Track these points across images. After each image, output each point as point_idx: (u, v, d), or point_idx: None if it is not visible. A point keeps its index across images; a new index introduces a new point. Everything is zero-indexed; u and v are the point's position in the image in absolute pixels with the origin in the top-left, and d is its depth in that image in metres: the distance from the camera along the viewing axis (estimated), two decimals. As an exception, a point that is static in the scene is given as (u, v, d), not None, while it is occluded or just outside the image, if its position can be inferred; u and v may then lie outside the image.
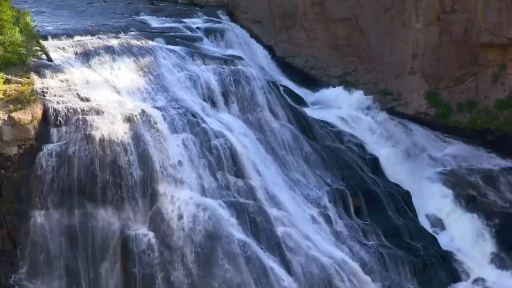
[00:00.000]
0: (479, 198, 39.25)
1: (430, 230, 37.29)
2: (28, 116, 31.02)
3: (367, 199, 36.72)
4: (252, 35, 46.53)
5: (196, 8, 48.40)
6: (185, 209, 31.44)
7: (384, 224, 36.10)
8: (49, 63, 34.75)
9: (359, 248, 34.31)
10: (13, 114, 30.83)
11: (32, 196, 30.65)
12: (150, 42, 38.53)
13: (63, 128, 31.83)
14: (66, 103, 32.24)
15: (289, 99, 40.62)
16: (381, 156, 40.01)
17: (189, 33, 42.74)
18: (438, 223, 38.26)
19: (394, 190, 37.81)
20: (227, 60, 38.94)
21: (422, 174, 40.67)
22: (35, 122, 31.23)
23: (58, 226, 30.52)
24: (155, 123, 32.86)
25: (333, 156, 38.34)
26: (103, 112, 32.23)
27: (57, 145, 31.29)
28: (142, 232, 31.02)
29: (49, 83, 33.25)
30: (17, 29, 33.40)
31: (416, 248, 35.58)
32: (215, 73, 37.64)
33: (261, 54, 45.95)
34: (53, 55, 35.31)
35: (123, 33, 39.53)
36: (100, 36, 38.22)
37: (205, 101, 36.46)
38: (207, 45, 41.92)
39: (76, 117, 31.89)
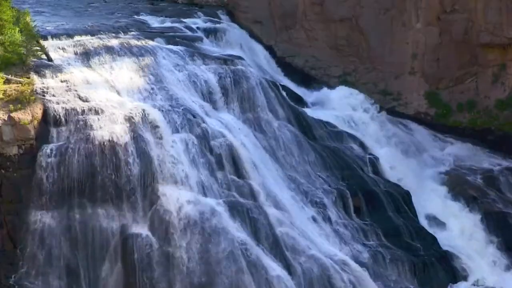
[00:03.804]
0: (479, 198, 39.21)
1: (430, 230, 37.27)
2: (28, 116, 31.02)
3: (367, 199, 36.72)
4: (252, 35, 46.52)
5: (196, 8, 48.38)
6: (185, 209, 31.44)
7: (384, 224, 36.10)
8: (49, 63, 34.75)
9: (359, 248, 34.32)
10: (13, 114, 30.83)
11: (32, 196, 30.65)
12: (150, 42, 38.52)
13: (63, 128, 31.84)
14: (66, 103, 32.25)
15: (289, 99, 40.63)
16: (381, 156, 40.00)
17: (189, 33, 42.73)
18: (438, 223, 38.24)
19: (394, 190, 37.79)
20: (227, 60, 38.92)
21: (422, 174, 40.67)
22: (35, 122, 31.23)
23: (58, 226, 30.51)
24: (155, 123, 32.86)
25: (333, 156, 38.34)
26: (103, 112, 32.25)
27: (57, 145, 31.30)
28: (142, 232, 31.01)
29: (49, 83, 33.25)
30: (17, 29, 33.39)
31: (416, 248, 35.58)
32: (215, 73, 37.61)
33: (261, 54, 45.90)
34: (53, 55, 35.30)
35: (123, 33, 39.52)
36: (100, 36, 38.20)
37: (205, 101, 36.46)
38: (207, 45, 41.92)
39: (76, 117, 31.90)
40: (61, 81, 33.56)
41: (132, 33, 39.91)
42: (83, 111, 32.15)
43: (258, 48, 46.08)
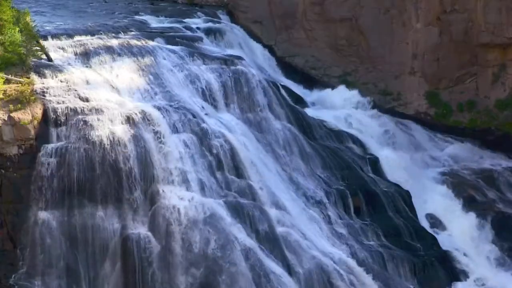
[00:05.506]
0: (479, 198, 39.29)
1: (430, 230, 37.29)
2: (28, 116, 31.03)
3: (367, 199, 36.74)
4: (252, 35, 46.53)
5: (196, 8, 48.44)
6: (185, 209, 31.44)
7: (384, 224, 36.12)
8: (49, 63, 34.77)
9: (359, 248, 34.31)
10: (13, 114, 30.84)
11: (32, 196, 30.66)
12: (150, 42, 38.55)
13: (63, 128, 31.85)
14: (66, 103, 32.26)
15: (289, 99, 40.63)
16: (381, 156, 40.01)
17: (189, 33, 42.75)
18: (438, 223, 38.27)
19: (394, 190, 37.82)
20: (227, 60, 38.94)
21: (422, 174, 40.69)
22: (35, 122, 31.25)
23: (58, 226, 30.53)
24: (155, 123, 32.85)
25: (333, 156, 38.35)
26: (103, 112, 32.24)
27: (57, 145, 31.30)
28: (142, 232, 31.02)
29: (49, 83, 33.28)
30: (17, 29, 33.43)
31: (416, 248, 35.60)
32: (215, 73, 37.65)
33: (261, 54, 45.92)
34: (53, 55, 35.34)
35: (123, 33, 39.55)
36: (100, 36, 38.26)
37: (205, 101, 36.49)
38: (207, 45, 41.93)
39: (76, 117, 31.90)
40: (61, 81, 33.59)
41: (132, 33, 39.94)
42: (83, 111, 32.15)
43: (258, 48, 46.09)
